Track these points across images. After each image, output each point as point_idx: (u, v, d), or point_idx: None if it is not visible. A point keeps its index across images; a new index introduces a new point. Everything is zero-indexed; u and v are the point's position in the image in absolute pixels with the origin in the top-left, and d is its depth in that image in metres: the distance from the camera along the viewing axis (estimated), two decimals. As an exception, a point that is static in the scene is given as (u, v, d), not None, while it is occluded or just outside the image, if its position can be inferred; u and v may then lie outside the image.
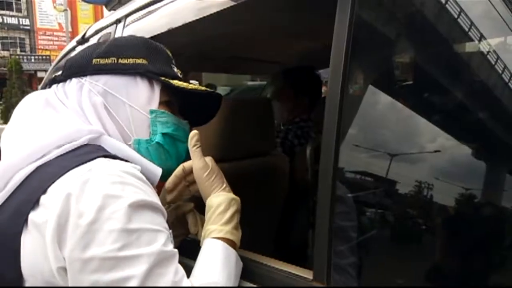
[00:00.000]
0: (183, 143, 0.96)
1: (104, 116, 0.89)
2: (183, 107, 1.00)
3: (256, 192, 1.51)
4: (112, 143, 0.86)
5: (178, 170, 0.98)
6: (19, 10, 30.06)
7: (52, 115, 0.87)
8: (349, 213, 0.74)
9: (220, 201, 0.90)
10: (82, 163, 0.75)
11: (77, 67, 0.92)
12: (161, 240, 0.73)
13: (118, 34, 1.48)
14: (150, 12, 1.42)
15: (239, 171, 1.43)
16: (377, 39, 0.76)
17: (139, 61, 0.91)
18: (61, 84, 0.93)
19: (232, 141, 1.40)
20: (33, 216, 0.71)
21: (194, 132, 0.96)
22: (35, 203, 0.72)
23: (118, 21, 1.52)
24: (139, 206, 0.72)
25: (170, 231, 0.83)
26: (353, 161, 0.76)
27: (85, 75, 0.91)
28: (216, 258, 0.83)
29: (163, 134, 0.92)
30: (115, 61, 0.90)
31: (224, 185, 0.94)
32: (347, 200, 0.75)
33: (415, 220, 0.71)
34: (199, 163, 0.94)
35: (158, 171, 0.87)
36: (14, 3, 29.78)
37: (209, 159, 0.96)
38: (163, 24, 1.36)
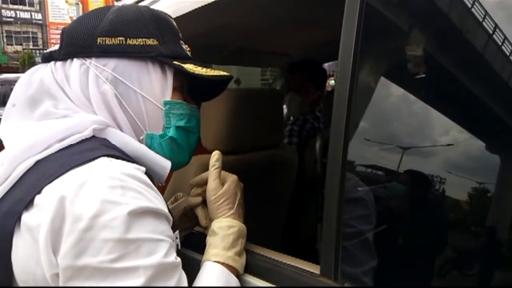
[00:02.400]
0: (195, 134, 0.92)
1: (115, 107, 0.81)
2: (191, 87, 0.94)
3: (264, 184, 1.50)
4: (118, 136, 0.79)
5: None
6: (31, 4, 30.25)
7: (52, 105, 0.79)
8: (370, 215, 0.72)
9: (222, 226, 0.88)
10: (83, 163, 0.69)
11: (79, 46, 0.82)
12: (162, 250, 0.68)
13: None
14: (154, 1, 1.41)
15: (248, 163, 1.42)
16: (388, 30, 0.74)
17: (150, 41, 0.83)
18: (59, 63, 0.83)
19: (240, 133, 1.38)
20: (26, 217, 0.66)
21: (216, 152, 0.96)
22: (29, 203, 0.66)
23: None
24: (140, 214, 0.67)
25: (177, 236, 0.81)
26: (372, 158, 0.74)
27: (89, 56, 0.81)
28: (215, 283, 0.80)
29: (177, 128, 0.87)
30: (123, 42, 0.81)
31: (231, 212, 0.91)
32: (367, 201, 0.72)
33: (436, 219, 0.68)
34: (211, 185, 0.93)
35: (167, 165, 0.83)
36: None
37: (230, 181, 0.94)
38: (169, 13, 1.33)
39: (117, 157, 0.72)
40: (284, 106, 2.08)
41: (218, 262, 0.83)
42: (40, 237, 0.63)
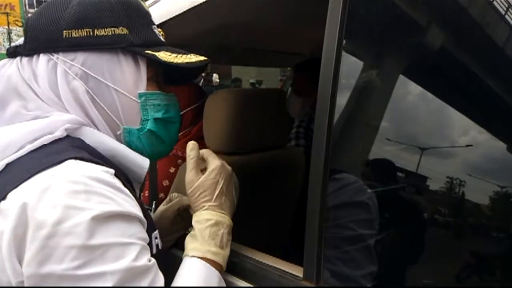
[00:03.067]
0: (175, 123, 0.89)
1: (88, 104, 0.78)
2: (167, 73, 0.89)
3: (269, 185, 1.49)
4: (93, 135, 0.77)
5: None
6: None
7: (21, 106, 0.76)
8: (372, 220, 0.70)
9: (199, 220, 0.85)
10: (48, 167, 0.66)
11: (44, 41, 0.77)
12: (131, 254, 0.65)
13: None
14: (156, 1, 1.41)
15: (252, 164, 1.41)
16: (373, 27, 0.72)
17: (119, 30, 0.79)
18: (26, 59, 0.79)
19: (244, 133, 1.37)
20: None
21: (191, 142, 0.92)
22: None
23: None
24: (106, 218, 0.64)
25: (156, 236, 0.79)
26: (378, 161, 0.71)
27: (56, 51, 0.77)
28: (195, 278, 0.77)
29: (155, 120, 0.84)
30: (91, 33, 0.77)
31: (210, 203, 0.86)
32: (371, 207, 0.70)
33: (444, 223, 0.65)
34: (187, 177, 0.89)
35: (145, 163, 0.81)
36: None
37: (210, 170, 0.88)
38: (173, 11, 1.33)
39: (86, 159, 0.69)
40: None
41: (197, 256, 0.80)
42: (3, 245, 0.62)
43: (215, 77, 2.64)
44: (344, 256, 0.72)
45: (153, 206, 1.35)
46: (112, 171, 0.70)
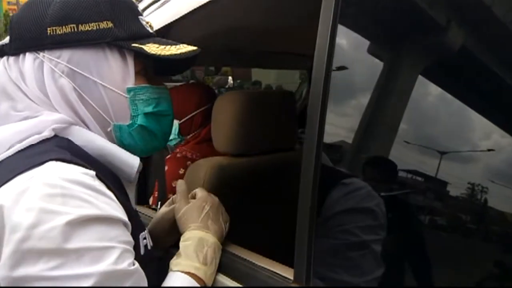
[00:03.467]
0: (167, 116, 0.87)
1: (76, 102, 0.77)
2: (158, 64, 0.87)
3: (278, 188, 1.48)
4: (82, 135, 0.76)
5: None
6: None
7: (10, 106, 0.76)
8: (377, 227, 0.68)
9: (183, 239, 0.87)
10: (30, 168, 0.65)
11: (30, 39, 0.76)
12: (110, 257, 0.64)
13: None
14: (166, 1, 1.41)
15: (261, 166, 1.41)
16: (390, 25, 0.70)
17: (103, 25, 0.77)
18: (12, 59, 0.78)
19: (252, 135, 1.37)
20: None
21: (181, 181, 0.99)
22: None
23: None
24: (82, 222, 0.63)
25: (146, 237, 0.79)
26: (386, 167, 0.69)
27: (41, 49, 0.76)
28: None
29: (145, 114, 0.82)
30: (75, 29, 0.76)
31: (195, 224, 0.89)
32: (377, 212, 0.68)
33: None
34: (176, 206, 0.94)
35: (135, 162, 0.80)
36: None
37: (197, 198, 0.95)
38: (181, 13, 1.33)
39: (67, 161, 0.68)
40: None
41: (180, 271, 0.80)
42: None
43: (230, 79, 2.65)
44: (346, 263, 0.71)
45: (158, 207, 1.36)
46: (93, 172, 0.69)
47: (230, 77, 2.65)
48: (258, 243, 0.92)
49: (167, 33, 1.42)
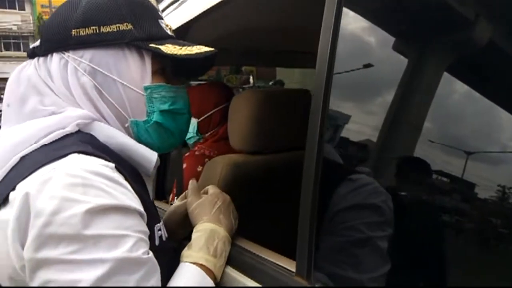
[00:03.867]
0: (183, 115, 0.91)
1: (96, 98, 0.82)
2: (176, 65, 0.91)
3: (293, 186, 1.49)
4: (104, 130, 0.81)
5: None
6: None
7: (38, 101, 0.81)
8: (383, 223, 0.69)
9: (196, 230, 0.91)
10: (54, 160, 0.70)
11: (56, 41, 0.83)
12: (126, 245, 0.68)
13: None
14: (183, 1, 1.44)
15: (276, 164, 1.42)
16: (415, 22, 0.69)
17: (123, 27, 0.82)
18: (42, 59, 0.85)
19: (268, 133, 1.38)
20: (1, 213, 0.69)
21: (192, 180, 1.04)
22: (5, 199, 0.69)
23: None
24: (101, 211, 0.67)
25: (160, 228, 0.82)
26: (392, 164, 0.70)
27: (66, 49, 0.83)
28: (186, 280, 0.80)
29: (161, 112, 0.86)
30: (97, 31, 0.82)
31: (206, 217, 0.93)
32: (383, 209, 0.69)
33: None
34: (189, 200, 0.98)
35: (153, 157, 0.84)
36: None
37: (209, 194, 0.99)
38: (196, 13, 1.35)
39: (89, 153, 0.72)
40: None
41: (190, 262, 0.83)
42: (8, 232, 0.67)
43: (251, 78, 2.68)
44: (351, 259, 0.72)
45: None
46: (112, 165, 0.73)
47: (251, 76, 2.69)
48: (270, 239, 0.94)
49: (185, 34, 1.45)
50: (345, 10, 0.71)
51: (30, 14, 31.07)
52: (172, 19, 1.45)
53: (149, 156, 0.84)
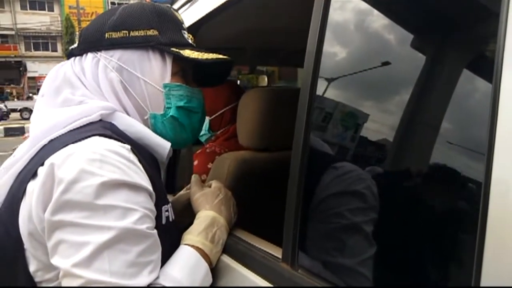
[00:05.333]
0: (197, 114, 1.02)
1: (120, 92, 0.94)
2: (196, 72, 1.05)
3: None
4: (124, 120, 0.91)
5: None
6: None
7: (70, 92, 0.92)
8: (366, 209, 0.71)
9: (198, 217, 0.99)
10: (78, 140, 0.80)
11: (91, 42, 0.96)
12: (132, 217, 0.75)
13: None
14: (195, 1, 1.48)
15: (283, 162, 1.44)
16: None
17: (150, 32, 0.95)
18: (77, 58, 0.97)
19: (276, 131, 1.41)
20: (29, 185, 0.79)
21: (195, 175, 1.12)
22: (34, 174, 0.79)
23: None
24: (113, 185, 0.75)
25: (168, 209, 0.89)
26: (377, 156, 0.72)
27: (99, 49, 0.95)
28: (183, 262, 0.86)
29: (177, 108, 0.97)
30: (127, 34, 0.94)
31: (208, 206, 1.01)
32: (367, 196, 0.71)
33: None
34: (192, 190, 1.07)
35: (167, 145, 0.94)
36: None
37: (212, 186, 1.07)
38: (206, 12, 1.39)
39: (109, 136, 0.82)
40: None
41: (189, 244, 0.90)
42: (33, 198, 0.76)
43: (265, 78, 2.70)
44: (340, 246, 0.75)
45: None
46: (129, 146, 0.82)
47: (265, 76, 2.74)
48: (276, 235, 0.97)
49: (196, 32, 1.49)
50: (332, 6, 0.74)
51: (58, 15, 31.81)
52: (185, 18, 1.49)
53: (164, 144, 0.94)
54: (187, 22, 1.42)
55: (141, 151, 0.87)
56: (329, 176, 0.76)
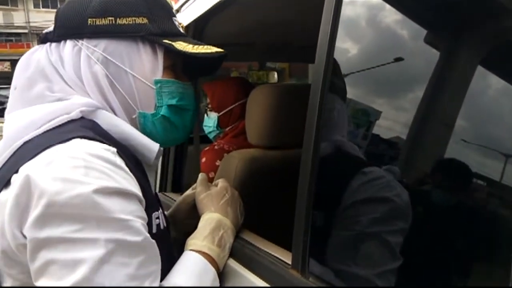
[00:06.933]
0: (189, 111, 0.92)
1: (106, 88, 0.83)
2: (186, 63, 0.94)
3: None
4: (107, 118, 0.82)
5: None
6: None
7: (46, 87, 0.82)
8: (395, 217, 0.67)
9: (203, 219, 0.93)
10: (56, 143, 0.71)
11: (71, 28, 0.84)
12: (128, 228, 0.69)
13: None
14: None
15: (291, 160, 1.41)
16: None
17: (139, 20, 0.84)
18: (54, 45, 0.85)
19: (285, 128, 1.37)
20: (1, 195, 0.70)
21: (201, 174, 1.05)
22: (7, 182, 0.70)
23: (176, 11, 1.58)
24: (104, 193, 0.68)
25: (158, 216, 0.82)
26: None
27: (81, 37, 0.83)
28: (189, 271, 0.81)
29: (169, 106, 0.87)
30: (113, 22, 0.83)
31: (213, 208, 0.95)
32: (395, 203, 0.66)
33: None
34: (198, 189, 1.01)
35: (155, 147, 0.84)
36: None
37: (218, 186, 1.01)
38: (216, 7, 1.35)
39: (90, 138, 0.73)
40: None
41: (194, 250, 0.85)
42: (6, 211, 0.68)
43: (275, 75, 2.68)
44: (356, 255, 0.70)
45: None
46: (114, 149, 0.74)
47: (275, 73, 2.71)
48: (285, 235, 0.94)
49: (203, 28, 1.46)
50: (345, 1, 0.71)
51: (72, 12, 32.01)
52: (189, 13, 1.47)
53: (151, 146, 0.84)
54: (194, 15, 1.40)
55: (126, 152, 0.79)
56: (357, 181, 0.71)
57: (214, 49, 0.89)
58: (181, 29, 0.92)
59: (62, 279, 0.65)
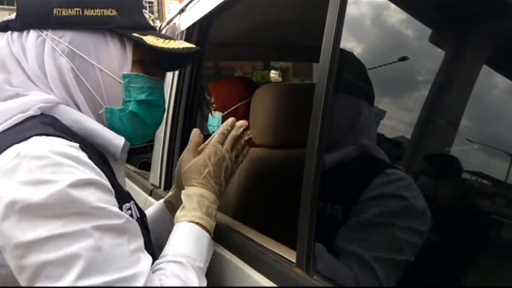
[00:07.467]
0: (159, 107, 0.90)
1: (71, 82, 0.80)
2: (156, 58, 0.91)
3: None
4: (68, 114, 0.79)
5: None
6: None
7: (4, 80, 0.79)
8: (408, 215, 0.67)
9: (187, 193, 0.92)
10: (14, 144, 0.68)
11: (35, 18, 0.80)
12: (110, 214, 0.68)
13: (181, 24, 1.56)
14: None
15: (296, 159, 1.41)
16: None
17: (108, 12, 0.81)
18: (16, 34, 0.81)
19: (290, 127, 1.38)
20: None
21: (196, 130, 1.01)
22: None
23: (181, 11, 1.59)
24: (78, 186, 0.66)
25: (130, 207, 0.82)
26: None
27: (45, 27, 0.80)
28: (186, 237, 0.82)
29: (138, 102, 0.85)
30: (80, 12, 0.80)
31: (196, 181, 0.93)
32: (411, 203, 0.65)
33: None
34: (184, 156, 0.99)
35: (120, 141, 0.82)
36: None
37: (202, 154, 0.97)
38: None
39: (50, 135, 0.70)
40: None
41: (186, 221, 0.86)
42: None
43: (278, 74, 2.69)
44: (361, 236, 0.72)
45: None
46: (77, 144, 0.71)
47: (279, 72, 2.72)
48: (290, 236, 0.95)
49: (208, 27, 1.46)
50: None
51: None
52: (194, 12, 1.47)
53: (116, 141, 0.82)
54: (199, 15, 1.40)
55: (89, 147, 0.77)
56: (377, 181, 0.72)
57: (185, 45, 0.87)
58: (151, 22, 0.90)
59: (61, 278, 0.63)
